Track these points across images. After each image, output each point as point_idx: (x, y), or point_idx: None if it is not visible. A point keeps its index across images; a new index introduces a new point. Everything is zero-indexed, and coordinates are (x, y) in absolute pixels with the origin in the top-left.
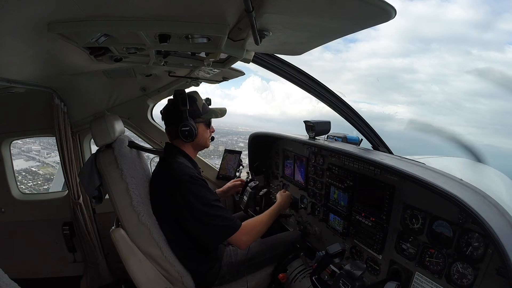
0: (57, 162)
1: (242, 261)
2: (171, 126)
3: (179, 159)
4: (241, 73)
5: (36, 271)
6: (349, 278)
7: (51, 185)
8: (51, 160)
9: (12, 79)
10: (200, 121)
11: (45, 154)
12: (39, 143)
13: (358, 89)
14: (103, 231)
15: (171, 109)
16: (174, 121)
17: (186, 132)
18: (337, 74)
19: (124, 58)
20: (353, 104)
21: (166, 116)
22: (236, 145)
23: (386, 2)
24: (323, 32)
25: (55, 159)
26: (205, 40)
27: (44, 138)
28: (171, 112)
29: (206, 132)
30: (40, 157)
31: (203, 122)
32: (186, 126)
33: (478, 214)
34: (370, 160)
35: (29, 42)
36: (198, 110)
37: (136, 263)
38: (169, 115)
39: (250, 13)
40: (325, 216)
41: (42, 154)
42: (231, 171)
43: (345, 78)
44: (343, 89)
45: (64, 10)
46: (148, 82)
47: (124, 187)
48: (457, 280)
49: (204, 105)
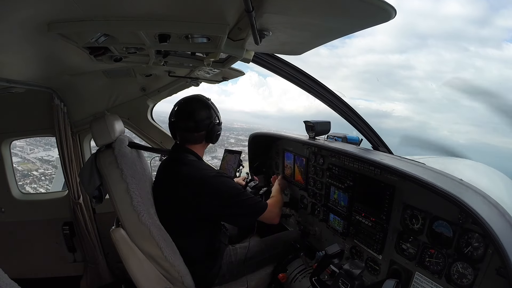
0: (38, 158)
1: (242, 261)
2: (199, 132)
3: (192, 159)
4: (241, 73)
5: (36, 271)
6: (348, 277)
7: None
8: (32, 157)
9: (12, 79)
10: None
11: (28, 150)
12: (24, 140)
13: (355, 86)
14: (103, 231)
15: (201, 116)
16: (204, 127)
17: (219, 135)
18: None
19: (124, 58)
20: (351, 101)
21: (196, 123)
22: (226, 141)
23: (386, 2)
24: (323, 32)
25: (37, 155)
26: (205, 40)
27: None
28: (201, 118)
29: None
30: (23, 153)
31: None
32: (219, 130)
33: (478, 214)
34: (370, 160)
35: (29, 42)
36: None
37: (136, 263)
38: (199, 121)
39: (250, 13)
40: (325, 216)
41: (25, 151)
42: (231, 171)
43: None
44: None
45: (64, 10)
46: (148, 82)
47: (124, 187)
48: (457, 280)
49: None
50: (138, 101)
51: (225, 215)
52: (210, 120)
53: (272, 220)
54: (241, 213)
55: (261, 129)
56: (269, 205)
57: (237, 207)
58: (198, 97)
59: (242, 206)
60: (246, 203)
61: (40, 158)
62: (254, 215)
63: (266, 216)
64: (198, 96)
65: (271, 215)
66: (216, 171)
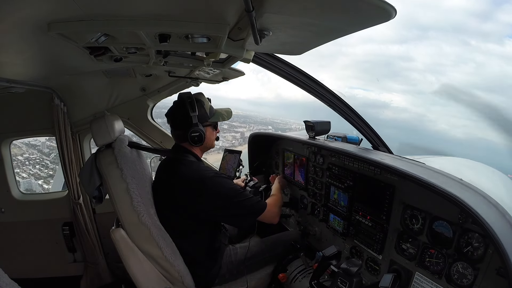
0: (25, 143)
1: (242, 261)
2: (179, 130)
3: (192, 159)
4: (241, 73)
5: (36, 271)
6: (347, 276)
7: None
8: (20, 141)
9: (12, 79)
10: (207, 124)
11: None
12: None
13: (354, 75)
14: (103, 231)
15: (179, 114)
16: (182, 126)
17: (196, 137)
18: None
19: (124, 58)
20: (349, 91)
21: (174, 120)
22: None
23: (386, 2)
24: (323, 32)
25: (25, 140)
26: (205, 40)
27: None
28: (179, 116)
29: (213, 134)
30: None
31: (210, 125)
32: (195, 132)
33: (478, 214)
34: (370, 160)
35: (29, 42)
36: (206, 114)
37: (136, 263)
38: (177, 119)
39: (250, 13)
40: (325, 216)
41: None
42: (231, 171)
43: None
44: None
45: (64, 10)
46: (148, 82)
47: (124, 187)
48: (457, 280)
49: (211, 107)
50: (138, 101)
51: (224, 216)
52: (187, 120)
53: (271, 220)
54: (240, 213)
55: (257, 116)
56: (268, 205)
57: (236, 208)
58: (185, 94)
59: (241, 206)
60: (245, 203)
61: (27, 143)
62: (254, 215)
63: (266, 216)
64: (185, 94)
65: (270, 215)
66: (214, 172)
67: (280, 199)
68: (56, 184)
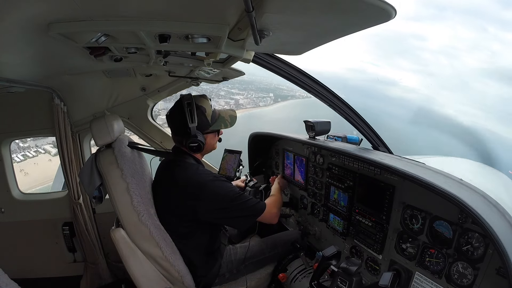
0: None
1: (242, 260)
2: (179, 136)
3: (191, 162)
4: (241, 73)
5: (36, 271)
6: (346, 275)
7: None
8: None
9: (12, 79)
10: (208, 132)
11: None
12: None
13: (364, 49)
14: (103, 231)
15: (178, 120)
16: (181, 133)
17: (194, 147)
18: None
19: (124, 58)
20: (360, 64)
21: (173, 124)
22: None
23: (386, 2)
24: (323, 32)
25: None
26: (205, 40)
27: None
28: (177, 122)
29: (214, 139)
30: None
31: (212, 132)
32: (194, 142)
33: (478, 214)
34: (370, 160)
35: (29, 42)
36: (207, 121)
37: (136, 263)
38: (175, 125)
39: (250, 13)
40: (325, 216)
41: None
42: (231, 171)
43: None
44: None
45: (64, 10)
46: (148, 82)
47: (124, 187)
48: (457, 280)
49: (214, 112)
50: (138, 101)
51: (223, 218)
52: (186, 130)
53: (270, 220)
54: (239, 215)
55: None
56: (267, 205)
57: (235, 210)
58: (186, 98)
59: (240, 208)
60: (244, 205)
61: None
62: (253, 217)
63: (265, 216)
64: (186, 97)
65: (269, 216)
66: (213, 175)
67: (279, 200)
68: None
